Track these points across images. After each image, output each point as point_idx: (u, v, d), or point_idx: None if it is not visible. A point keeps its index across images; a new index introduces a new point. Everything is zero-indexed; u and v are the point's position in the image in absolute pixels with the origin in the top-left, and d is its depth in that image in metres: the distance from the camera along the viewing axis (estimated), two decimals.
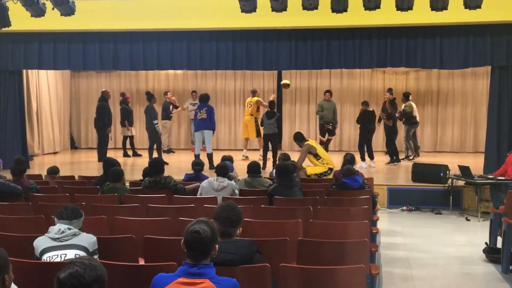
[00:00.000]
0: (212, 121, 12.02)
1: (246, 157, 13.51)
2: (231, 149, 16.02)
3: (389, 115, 13.18)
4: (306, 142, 9.78)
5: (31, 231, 4.72)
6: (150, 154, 12.85)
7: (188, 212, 5.54)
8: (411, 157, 13.61)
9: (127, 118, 14.50)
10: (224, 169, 6.93)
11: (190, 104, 15.58)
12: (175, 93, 17.14)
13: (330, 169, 9.49)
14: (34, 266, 3.62)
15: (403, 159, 13.47)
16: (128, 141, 14.81)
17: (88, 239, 3.89)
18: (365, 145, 12.68)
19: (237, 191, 6.80)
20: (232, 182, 6.92)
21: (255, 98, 13.89)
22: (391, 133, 13.23)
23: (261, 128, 12.84)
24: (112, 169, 6.93)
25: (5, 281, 2.77)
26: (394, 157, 13.03)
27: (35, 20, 9.61)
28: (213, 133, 12.28)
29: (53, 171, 8.76)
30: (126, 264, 3.71)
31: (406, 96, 13.73)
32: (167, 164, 12.25)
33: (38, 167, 12.35)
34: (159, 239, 4.36)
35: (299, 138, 9.95)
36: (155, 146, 13.02)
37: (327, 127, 13.74)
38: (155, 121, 13.04)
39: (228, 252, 3.41)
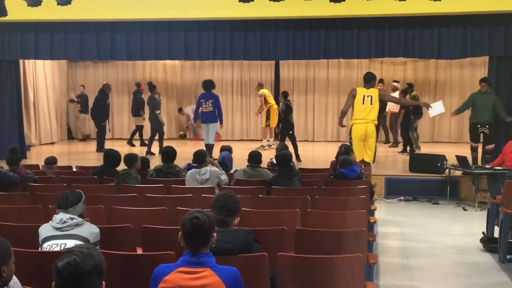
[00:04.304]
0: (219, 113, 11.67)
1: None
2: (229, 139, 16.01)
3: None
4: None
5: (28, 221, 4.73)
6: (150, 144, 12.85)
7: (186, 202, 5.54)
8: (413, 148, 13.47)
9: (142, 108, 14.42)
10: (201, 156, 6.84)
11: None
12: (173, 84, 17.13)
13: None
14: (32, 255, 3.62)
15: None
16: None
17: (90, 230, 3.84)
18: None
19: (223, 177, 6.70)
20: (214, 169, 6.79)
21: (266, 90, 14.03)
22: (406, 123, 13.15)
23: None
24: (126, 154, 7.01)
25: (3, 273, 2.75)
26: (408, 147, 12.97)
27: (31, 9, 9.59)
28: (221, 123, 11.94)
29: (51, 161, 8.75)
30: (124, 254, 3.72)
31: (411, 86, 13.68)
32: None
33: (35, 157, 12.32)
34: (157, 228, 4.36)
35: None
36: (156, 136, 13.00)
37: (481, 129, 10.34)
38: (157, 111, 13.00)
39: (226, 241, 3.40)
